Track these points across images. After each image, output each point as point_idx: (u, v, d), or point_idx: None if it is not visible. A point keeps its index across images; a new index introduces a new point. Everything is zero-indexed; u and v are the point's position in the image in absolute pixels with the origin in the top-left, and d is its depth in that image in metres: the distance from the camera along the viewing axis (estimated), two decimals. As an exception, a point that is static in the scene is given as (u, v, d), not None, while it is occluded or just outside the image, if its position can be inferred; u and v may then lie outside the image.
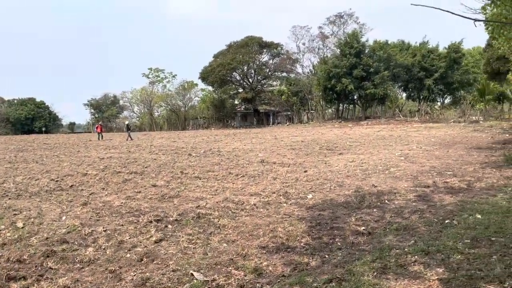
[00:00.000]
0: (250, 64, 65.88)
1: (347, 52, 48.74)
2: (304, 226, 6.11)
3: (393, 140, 22.18)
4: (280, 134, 34.71)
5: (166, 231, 6.04)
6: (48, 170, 13.32)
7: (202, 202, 7.89)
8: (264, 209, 7.31)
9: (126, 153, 19.55)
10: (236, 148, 21.00)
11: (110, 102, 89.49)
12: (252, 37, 66.19)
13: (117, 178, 11.29)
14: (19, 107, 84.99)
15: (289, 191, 8.85)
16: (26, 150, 23.61)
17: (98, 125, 36.64)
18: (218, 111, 69.99)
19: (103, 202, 8.09)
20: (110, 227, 6.23)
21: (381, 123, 44.82)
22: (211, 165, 13.91)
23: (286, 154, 16.94)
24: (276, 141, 24.97)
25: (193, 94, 79.94)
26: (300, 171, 11.88)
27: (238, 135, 36.61)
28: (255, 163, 14.13)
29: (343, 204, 7.53)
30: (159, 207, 7.60)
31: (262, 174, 11.39)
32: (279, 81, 68.30)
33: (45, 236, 5.82)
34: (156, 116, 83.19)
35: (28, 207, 7.83)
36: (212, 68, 64.18)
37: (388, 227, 5.93)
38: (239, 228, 6.14)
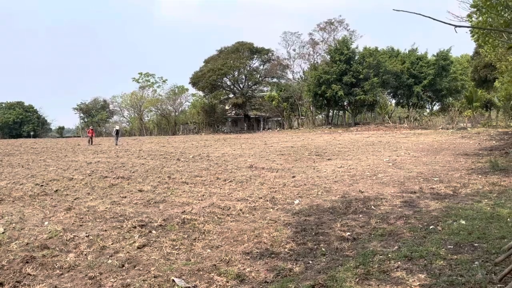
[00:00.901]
0: (241, 69, 66.00)
1: (337, 58, 49.09)
2: (290, 232, 6.08)
3: (381, 146, 22.29)
4: (270, 139, 34.70)
5: (150, 237, 5.96)
6: (34, 175, 13.12)
7: (188, 208, 7.82)
8: (250, 215, 7.27)
9: (114, 158, 19.37)
10: (226, 153, 20.93)
11: (100, 107, 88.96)
12: (243, 42, 66.35)
13: (104, 183, 11.16)
14: (7, 110, 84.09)
15: (276, 196, 8.81)
16: (12, 155, 23.27)
17: (90, 129, 36.41)
18: (208, 116, 69.88)
19: (87, 207, 7.97)
20: (93, 233, 6.14)
21: (370, 129, 45.08)
22: (199, 170, 13.83)
23: (275, 159, 16.91)
24: (265, 147, 24.94)
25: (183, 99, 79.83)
26: (288, 176, 11.86)
27: (228, 140, 36.53)
28: (243, 168, 14.08)
29: (329, 209, 7.51)
30: (144, 212, 7.52)
31: (250, 180, 11.34)
32: (270, 87, 68.48)
33: (26, 242, 5.71)
34: (146, 121, 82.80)
35: (10, 212, 7.69)
36: (203, 73, 64.18)
37: (373, 232, 5.92)
38: (224, 234, 6.09)
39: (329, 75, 48.63)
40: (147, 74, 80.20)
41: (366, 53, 50.56)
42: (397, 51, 56.01)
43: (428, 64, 51.36)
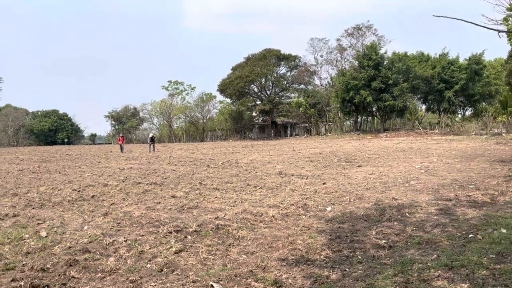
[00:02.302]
0: (268, 76, 66.22)
1: (365, 64, 48.59)
2: (324, 239, 6.05)
3: (413, 153, 21.88)
4: (298, 146, 34.62)
5: (186, 242, 6.06)
6: (71, 181, 13.56)
7: (221, 214, 7.90)
8: (283, 221, 7.28)
9: (145, 164, 19.78)
10: (254, 159, 21.02)
11: (130, 114, 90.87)
12: (270, 49, 66.60)
13: (137, 188, 11.41)
14: (43, 118, 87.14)
15: (308, 203, 8.79)
16: (49, 161, 24.12)
17: (120, 137, 37.13)
18: (236, 123, 70.34)
19: (123, 213, 8.17)
20: (130, 237, 6.29)
21: (400, 135, 44.31)
22: (229, 176, 13.95)
23: (304, 166, 16.87)
24: (294, 153, 24.91)
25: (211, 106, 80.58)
26: (318, 183, 11.81)
27: (256, 146, 36.67)
28: (273, 175, 14.11)
29: (363, 217, 7.43)
30: (178, 217, 7.65)
31: (280, 186, 11.36)
32: (297, 93, 68.33)
33: (68, 245, 5.90)
34: (175, 128, 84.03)
35: (51, 216, 7.97)
36: (231, 80, 64.72)
37: (409, 240, 5.83)
38: (258, 240, 6.12)
39: (358, 81, 48.15)
40: (176, 82, 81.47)
41: (395, 58, 49.81)
42: (427, 56, 54.90)
43: (460, 69, 50.01)
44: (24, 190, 11.55)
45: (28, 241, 6.16)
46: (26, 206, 9.19)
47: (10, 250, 5.73)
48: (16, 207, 8.99)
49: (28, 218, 7.82)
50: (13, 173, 16.89)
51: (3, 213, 8.26)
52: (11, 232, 6.71)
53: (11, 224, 7.39)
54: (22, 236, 6.43)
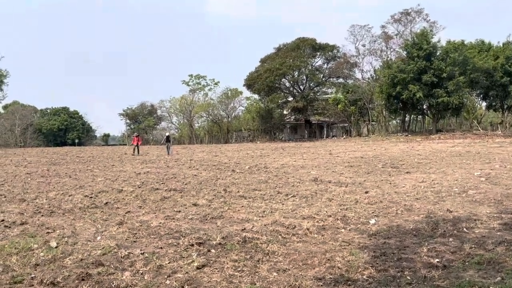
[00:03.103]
0: (301, 69, 66.13)
1: (415, 54, 47.74)
2: (367, 256, 5.99)
3: (471, 157, 21.34)
4: (336, 148, 34.36)
5: (209, 256, 6.12)
6: (82, 186, 13.93)
7: (248, 225, 7.93)
8: (319, 235, 7.24)
9: (164, 168, 20.09)
10: (285, 164, 21.01)
11: (147, 112, 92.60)
12: (304, 38, 66.49)
13: (155, 195, 11.61)
14: (52, 117, 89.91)
15: (348, 214, 8.71)
16: (58, 164, 24.85)
17: (134, 137, 36.07)
18: (264, 122, 70.51)
19: (140, 222, 8.33)
20: (148, 250, 6.41)
21: (455, 137, 43.30)
22: (257, 183, 13.99)
23: (343, 172, 16.74)
24: (331, 157, 24.74)
25: (237, 103, 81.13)
26: (360, 192, 11.69)
27: (287, 149, 36.62)
28: (307, 181, 14.06)
29: (413, 231, 7.32)
30: (200, 228, 7.73)
31: (315, 195, 11.31)
32: (335, 88, 67.91)
33: (80, 258, 6.07)
34: (196, 128, 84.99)
35: (61, 225, 8.21)
36: (259, 74, 64.94)
37: (467, 260, 5.69)
38: (290, 256, 6.11)
39: (406, 74, 47.35)
40: (198, 76, 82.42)
41: (450, 47, 48.73)
42: (489, 45, 53.49)
43: (529, 59, 48.45)
44: (32, 196, 11.94)
45: (37, 252, 6.37)
46: (35, 213, 9.50)
47: (17, 262, 5.93)
48: (24, 214, 9.31)
49: (37, 227, 8.09)
50: (21, 176, 17.50)
51: (10, 221, 8.56)
52: (19, 241, 6.95)
53: (19, 232, 7.65)
54: (30, 246, 6.65)
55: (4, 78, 68.10)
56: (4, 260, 5.99)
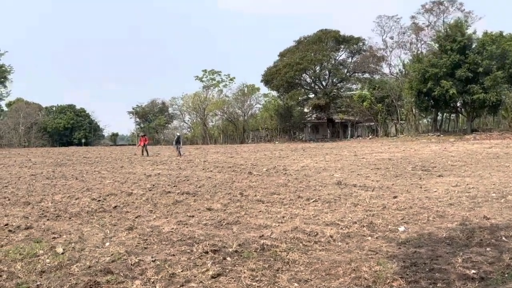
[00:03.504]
0: (323, 63, 65.94)
1: (448, 47, 47.22)
2: (396, 266, 5.93)
3: (510, 160, 21.02)
4: (361, 149, 34.16)
5: (225, 265, 6.14)
6: (89, 188, 14.12)
7: (267, 231, 7.94)
8: (344, 243, 7.21)
9: (176, 170, 20.24)
10: (306, 166, 20.96)
11: (157, 110, 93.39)
12: (327, 30, 66.31)
13: (167, 199, 11.70)
14: (58, 115, 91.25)
15: (375, 221, 8.65)
16: (65, 165, 25.23)
17: (141, 137, 35.88)
18: (283, 120, 70.51)
19: (151, 227, 8.40)
20: (159, 257, 6.46)
21: (492, 138, 42.70)
22: (276, 186, 13.99)
23: (369, 174, 16.63)
24: (356, 159, 24.61)
25: (254, 101, 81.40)
26: (388, 196, 11.60)
27: (308, 150, 36.54)
28: (330, 185, 14.01)
29: (446, 239, 7.23)
30: (215, 235, 7.76)
31: (339, 199, 11.26)
32: (360, 84, 67.56)
33: (88, 265, 6.14)
34: (210, 127, 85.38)
35: (68, 230, 8.33)
36: (278, 69, 64.95)
37: (507, 271, 5.60)
38: (313, 265, 6.09)
39: (438, 69, 46.86)
40: (212, 71, 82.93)
41: (487, 39, 48.03)
42: (530, 36, 52.51)
43: None
44: (38, 199, 12.15)
45: (43, 258, 6.47)
46: (40, 217, 9.66)
47: (22, 268, 6.04)
48: (29, 218, 9.47)
49: (43, 231, 8.22)
50: (25, 178, 17.82)
51: (14, 225, 8.73)
52: (24, 247, 7.08)
53: (24, 237, 7.79)
54: (36, 252, 6.76)
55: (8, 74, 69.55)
56: (9, 267, 6.10)
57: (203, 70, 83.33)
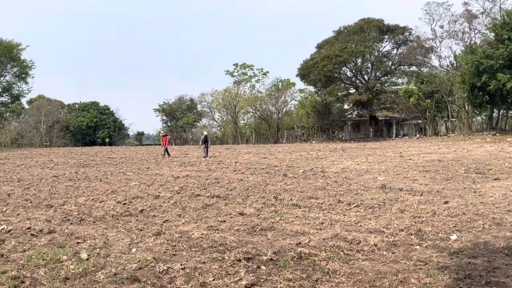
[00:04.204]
0: (366, 55, 65.37)
1: (505, 36, 46.09)
2: (447, 278, 5.84)
3: None
4: (408, 150, 33.71)
5: (259, 274, 6.16)
6: (114, 190, 14.40)
7: (304, 238, 7.92)
8: (389, 252, 7.13)
9: (205, 172, 20.41)
10: (347, 168, 20.83)
11: (185, 107, 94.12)
12: (369, 19, 65.73)
13: (196, 202, 11.82)
14: (81, 113, 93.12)
15: (424, 228, 8.53)
16: (88, 166, 25.80)
17: (162, 137, 36.28)
18: (321, 118, 70.16)
19: (179, 233, 8.51)
20: (189, 265, 6.53)
21: (557, 137, 41.40)
22: (313, 189, 13.95)
23: (416, 177, 16.41)
24: (402, 160, 24.30)
25: (289, 97, 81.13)
26: (438, 201, 11.42)
27: (349, 150, 36.28)
28: (373, 189, 13.89)
29: (504, 250, 7.08)
30: (249, 241, 7.79)
31: (384, 205, 11.14)
32: (406, 78, 66.61)
33: (113, 272, 6.27)
34: (242, 125, 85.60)
35: (92, 234, 8.52)
36: (315, 62, 64.70)
37: None
38: (355, 276, 6.05)
39: (493, 60, 45.79)
40: (243, 65, 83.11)
41: (550, 27, 46.66)
42: None
43: None
44: (60, 201, 12.47)
45: (67, 264, 6.64)
46: (63, 220, 9.92)
47: (46, 274, 6.22)
48: (52, 222, 9.74)
49: (66, 236, 8.44)
50: (47, 179, 18.31)
51: (37, 229, 8.99)
52: (47, 252, 7.28)
53: (47, 242, 8.01)
54: (59, 257, 6.95)
55: (29, 69, 71.59)
56: (32, 273, 6.29)
57: (234, 64, 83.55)
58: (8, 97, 73.56)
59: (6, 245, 7.84)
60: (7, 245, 7.80)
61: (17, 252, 7.37)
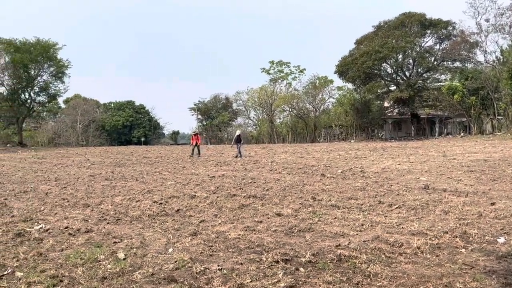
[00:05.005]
0: (407, 51, 64.47)
1: (556, 29, 44.64)
2: (495, 283, 5.72)
3: None
4: (451, 149, 33.08)
5: (298, 276, 6.15)
6: (150, 190, 14.63)
7: (344, 240, 7.88)
8: (433, 255, 7.02)
9: (241, 171, 20.51)
10: (387, 168, 20.59)
11: (221, 106, 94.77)
12: (411, 13, 64.84)
13: (232, 202, 11.89)
14: (116, 112, 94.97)
15: (469, 231, 8.36)
16: (124, 165, 26.27)
17: (193, 135, 36.30)
18: (360, 116, 69.53)
19: (216, 233, 8.58)
20: (226, 266, 6.58)
21: None
22: (352, 190, 13.85)
23: (461, 178, 16.09)
24: (445, 160, 23.86)
25: (326, 94, 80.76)
26: (484, 203, 11.17)
27: (389, 149, 35.85)
28: (415, 189, 13.69)
29: (556, 254, 6.87)
30: (286, 243, 7.80)
31: (427, 206, 10.97)
32: (450, 74, 65.34)
33: (150, 272, 6.37)
34: (278, 124, 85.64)
35: (129, 234, 8.68)
36: (354, 58, 64.27)
37: None
38: (397, 279, 5.98)
39: (544, 55, 44.46)
40: (280, 62, 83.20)
41: None
42: None
43: None
44: (97, 201, 12.75)
45: (104, 264, 6.78)
46: (100, 220, 10.14)
47: (83, 274, 6.36)
48: (89, 221, 9.97)
49: (103, 235, 8.62)
50: (84, 179, 18.73)
51: (74, 228, 9.21)
52: (84, 251, 7.46)
53: (84, 241, 8.20)
54: (96, 257, 7.10)
55: (65, 69, 73.27)
56: (70, 272, 6.45)
57: (270, 61, 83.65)
58: (45, 97, 75.41)
59: (45, 244, 8.07)
60: (46, 244, 8.02)
61: (55, 251, 7.57)
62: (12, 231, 9.00)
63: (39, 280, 6.09)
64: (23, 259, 7.12)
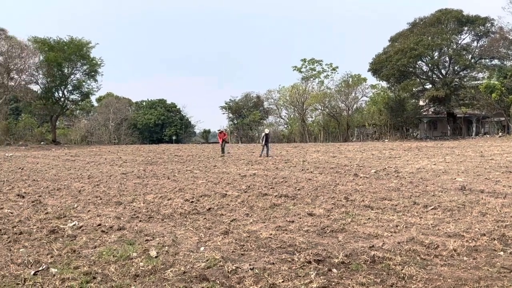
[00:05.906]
0: (443, 48, 63.45)
1: None
2: (536, 288, 5.59)
3: None
4: (489, 149, 32.47)
5: (330, 277, 6.13)
6: (182, 188, 14.77)
7: (377, 241, 7.81)
8: (470, 258, 6.90)
9: (272, 171, 20.52)
10: (422, 168, 20.34)
11: (252, 105, 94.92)
12: (447, 10, 63.79)
13: (263, 201, 11.91)
14: (148, 110, 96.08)
15: (508, 233, 8.19)
16: (155, 163, 26.59)
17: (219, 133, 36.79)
18: (395, 115, 68.72)
19: (247, 232, 8.61)
20: (258, 265, 6.59)
21: None
22: (386, 190, 13.72)
23: (499, 179, 15.78)
24: (482, 160, 23.44)
25: (359, 93, 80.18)
26: (523, 205, 10.94)
27: (424, 149, 35.40)
28: (452, 190, 13.49)
29: None
30: (318, 243, 7.77)
31: (463, 207, 10.80)
32: (488, 72, 64.01)
33: (182, 270, 6.43)
34: (310, 123, 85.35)
35: (161, 232, 8.78)
36: (388, 56, 63.56)
37: None
38: (433, 282, 5.90)
39: None
40: (312, 60, 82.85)
41: None
42: None
43: None
44: (129, 199, 12.94)
45: (136, 261, 6.87)
46: (132, 218, 10.28)
47: (116, 271, 6.46)
48: (121, 219, 10.12)
49: (135, 233, 8.74)
50: (116, 177, 19.03)
51: (107, 225, 9.37)
52: (117, 248, 7.57)
53: (117, 239, 8.33)
54: (129, 254, 7.21)
55: (98, 67, 74.53)
56: (103, 269, 6.56)
57: (302, 59, 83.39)
58: (78, 95, 76.91)
59: (78, 241, 8.23)
60: (79, 241, 8.18)
61: (88, 248, 7.71)
62: (46, 228, 9.21)
63: (73, 277, 6.21)
64: (57, 256, 7.27)
